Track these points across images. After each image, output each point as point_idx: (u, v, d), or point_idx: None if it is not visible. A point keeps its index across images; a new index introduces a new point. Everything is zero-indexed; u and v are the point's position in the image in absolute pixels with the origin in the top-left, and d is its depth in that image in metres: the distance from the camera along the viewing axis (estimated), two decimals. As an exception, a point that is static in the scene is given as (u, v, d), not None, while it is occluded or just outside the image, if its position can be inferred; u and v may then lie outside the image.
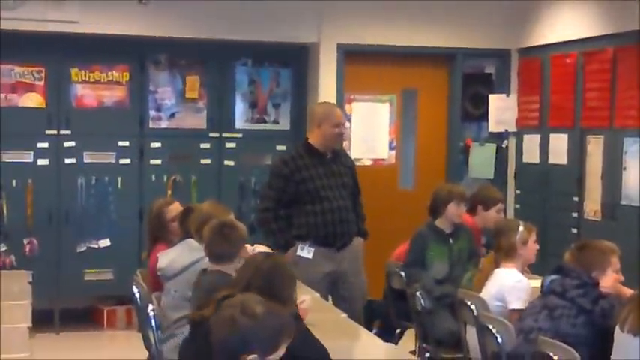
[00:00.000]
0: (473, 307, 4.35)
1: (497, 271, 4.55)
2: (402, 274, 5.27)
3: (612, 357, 3.67)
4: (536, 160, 7.20)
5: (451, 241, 5.30)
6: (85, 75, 7.13)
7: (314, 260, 5.43)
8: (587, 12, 6.62)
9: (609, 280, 4.03)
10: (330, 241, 5.46)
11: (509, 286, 4.39)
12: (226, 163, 7.40)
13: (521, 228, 4.57)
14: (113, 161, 7.17)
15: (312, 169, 5.47)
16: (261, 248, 4.37)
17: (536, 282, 4.34)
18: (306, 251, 5.43)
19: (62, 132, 7.07)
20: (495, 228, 4.78)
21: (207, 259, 4.07)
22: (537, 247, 4.63)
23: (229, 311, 2.64)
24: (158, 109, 7.31)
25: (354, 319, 4.62)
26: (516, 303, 4.34)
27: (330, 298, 5.48)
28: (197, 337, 3.22)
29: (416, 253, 5.29)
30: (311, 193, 5.43)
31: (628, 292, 4.02)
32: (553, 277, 4.02)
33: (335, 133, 5.50)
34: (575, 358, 3.48)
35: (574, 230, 6.58)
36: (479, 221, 5.61)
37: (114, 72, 7.19)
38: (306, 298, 3.97)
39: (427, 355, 5.07)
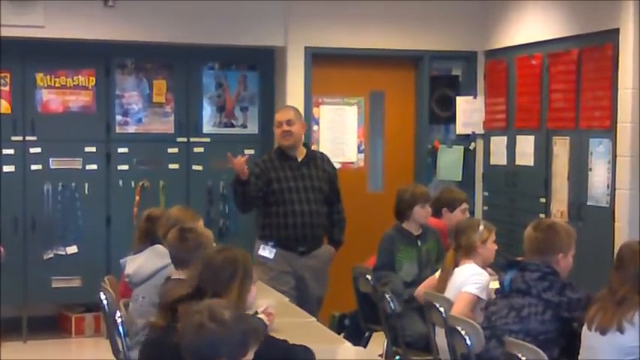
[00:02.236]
0: (441, 309, 4.36)
1: (457, 270, 4.57)
2: (369, 277, 5.27)
3: (580, 357, 3.69)
4: (504, 161, 7.24)
5: (419, 243, 5.32)
6: (51, 80, 7.07)
7: (275, 260, 5.56)
8: (552, 13, 6.67)
9: (569, 263, 4.04)
10: (291, 244, 5.58)
11: (468, 275, 4.41)
12: (194, 167, 7.37)
13: (481, 227, 4.60)
14: (80, 167, 7.11)
15: (280, 171, 5.63)
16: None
17: (496, 283, 4.36)
18: (267, 251, 5.56)
19: (28, 138, 7.00)
20: (456, 227, 4.80)
21: (174, 265, 4.06)
22: (496, 247, 4.64)
23: (197, 318, 2.63)
24: (125, 113, 7.26)
25: None
26: (471, 287, 4.34)
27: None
28: (154, 345, 3.21)
29: (385, 257, 5.29)
30: (276, 194, 5.57)
31: None
32: (510, 274, 4.02)
33: (277, 132, 5.72)
34: (542, 358, 3.49)
35: (541, 231, 6.61)
36: (446, 223, 5.62)
37: (80, 77, 7.13)
38: (270, 303, 3.96)
39: (397, 358, 5.08)
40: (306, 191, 5.60)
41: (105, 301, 4.53)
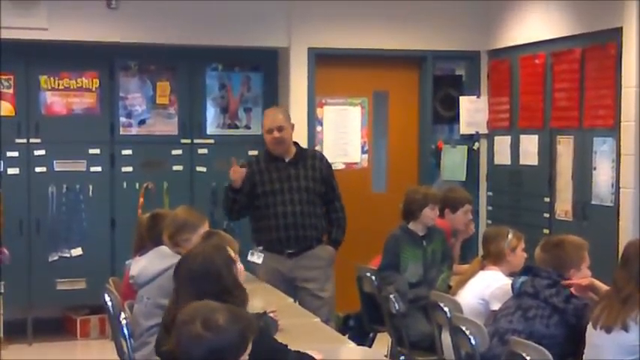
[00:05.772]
0: (446, 309, 4.35)
1: (482, 272, 4.56)
2: (373, 277, 5.26)
3: (585, 356, 3.69)
4: (508, 161, 7.23)
5: (425, 243, 5.30)
6: (55, 82, 7.08)
7: (265, 265, 5.44)
8: (555, 13, 6.66)
9: (585, 275, 4.04)
10: (278, 247, 5.46)
11: (495, 287, 4.39)
12: (198, 169, 7.38)
13: (510, 235, 4.58)
14: (84, 169, 7.12)
15: (266, 173, 5.53)
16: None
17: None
18: (256, 256, 5.45)
19: (32, 140, 7.01)
20: (484, 235, 4.78)
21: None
22: (525, 255, 4.62)
23: (192, 329, 2.58)
24: (129, 115, 7.27)
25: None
26: (496, 304, 4.34)
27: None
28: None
29: (390, 257, 5.28)
30: (260, 197, 5.48)
31: (604, 287, 4.00)
32: (523, 278, 4.03)
33: (268, 138, 5.53)
34: (547, 358, 3.49)
35: (546, 230, 6.61)
36: (449, 224, 5.60)
37: (83, 79, 7.14)
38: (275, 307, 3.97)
39: (401, 358, 5.07)
40: (292, 192, 5.47)
41: (109, 303, 4.53)
